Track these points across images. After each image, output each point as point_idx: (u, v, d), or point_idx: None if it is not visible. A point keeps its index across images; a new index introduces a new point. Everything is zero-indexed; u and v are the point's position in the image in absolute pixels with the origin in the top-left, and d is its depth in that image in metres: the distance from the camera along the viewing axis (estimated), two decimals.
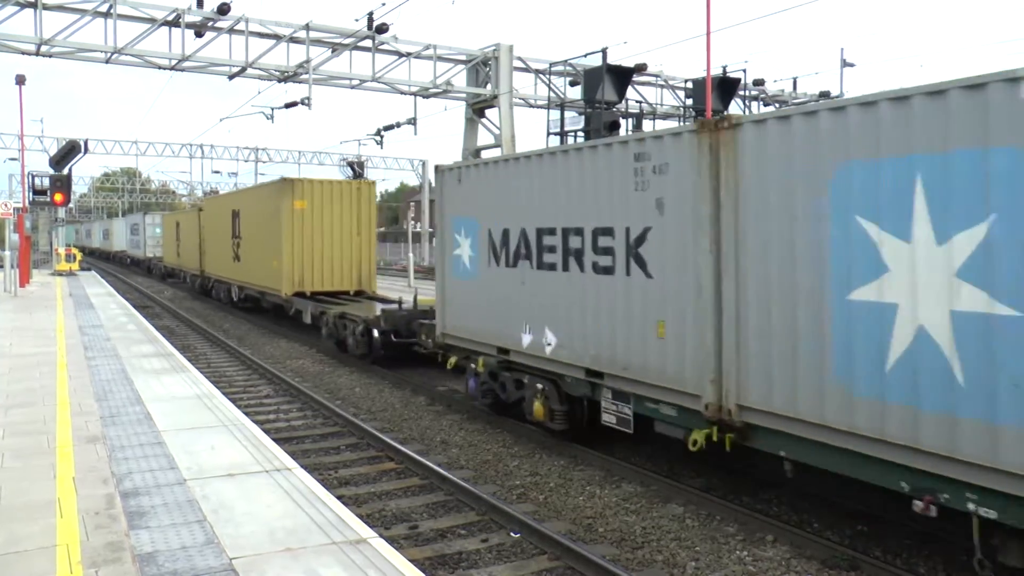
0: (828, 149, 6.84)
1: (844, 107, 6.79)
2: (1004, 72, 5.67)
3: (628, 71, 19.55)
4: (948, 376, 6.00)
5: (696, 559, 7.43)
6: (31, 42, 20.37)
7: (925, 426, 6.17)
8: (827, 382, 6.90)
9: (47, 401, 10.05)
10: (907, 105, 6.27)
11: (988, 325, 5.76)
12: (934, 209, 6.08)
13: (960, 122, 5.91)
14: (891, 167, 6.35)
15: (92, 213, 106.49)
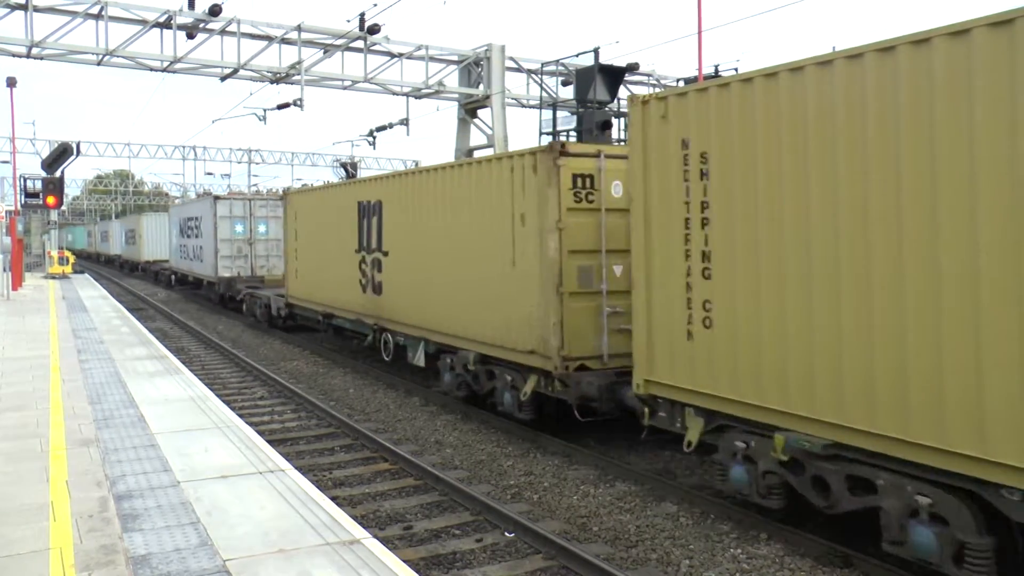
0: None
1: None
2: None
3: (620, 70, 19.59)
4: None
5: (690, 557, 7.45)
6: (22, 44, 20.31)
7: None
8: None
9: (40, 404, 10.03)
10: None
11: None
12: None
13: None
14: None
15: (85, 216, 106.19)
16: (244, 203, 28.63)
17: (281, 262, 25.84)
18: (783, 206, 7.07)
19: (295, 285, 20.67)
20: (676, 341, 8.27)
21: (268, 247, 28.70)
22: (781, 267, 7.11)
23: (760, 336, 7.32)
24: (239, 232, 28.41)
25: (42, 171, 29.86)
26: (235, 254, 28.36)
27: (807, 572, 7.10)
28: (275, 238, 27.96)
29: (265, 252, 28.76)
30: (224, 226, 28.18)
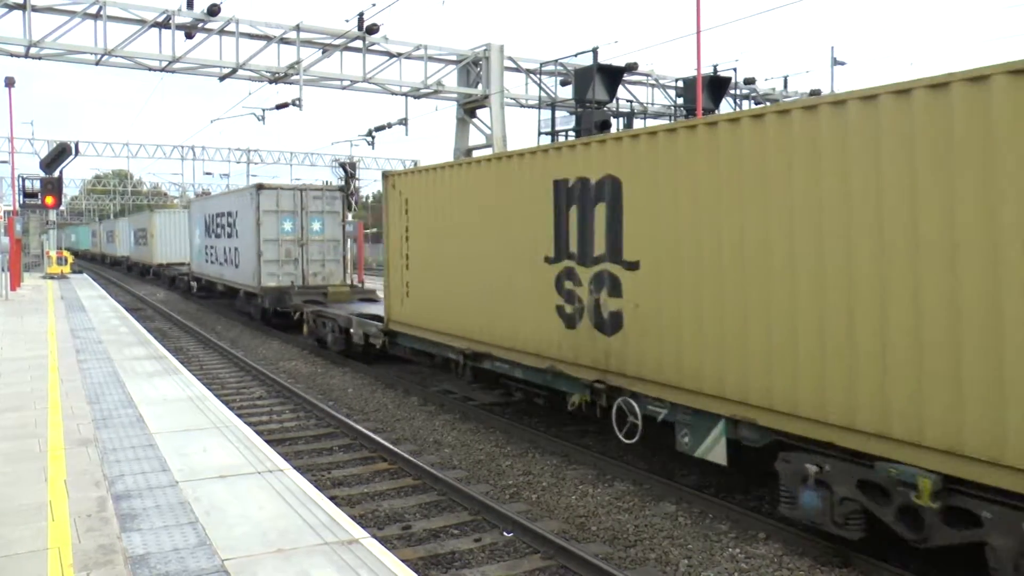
0: None
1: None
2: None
3: (619, 70, 19.59)
4: None
5: (689, 557, 7.45)
6: (20, 44, 20.29)
7: None
8: None
9: (39, 404, 10.02)
10: None
11: None
12: None
13: None
14: None
15: (84, 216, 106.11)
16: (293, 194, 23.49)
17: (337, 268, 23.74)
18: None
19: (403, 305, 14.95)
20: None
21: (323, 249, 23.90)
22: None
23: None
24: (288, 231, 23.15)
25: (40, 171, 29.82)
26: (283, 258, 23.21)
27: (805, 571, 7.10)
28: (332, 238, 23.89)
29: (320, 255, 23.83)
30: (269, 223, 22.86)
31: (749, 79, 29.30)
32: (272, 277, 23.12)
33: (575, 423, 12.01)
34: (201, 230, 30.92)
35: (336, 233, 23.69)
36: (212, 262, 29.04)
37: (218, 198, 30.47)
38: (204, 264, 30.32)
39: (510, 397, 13.03)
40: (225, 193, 32.31)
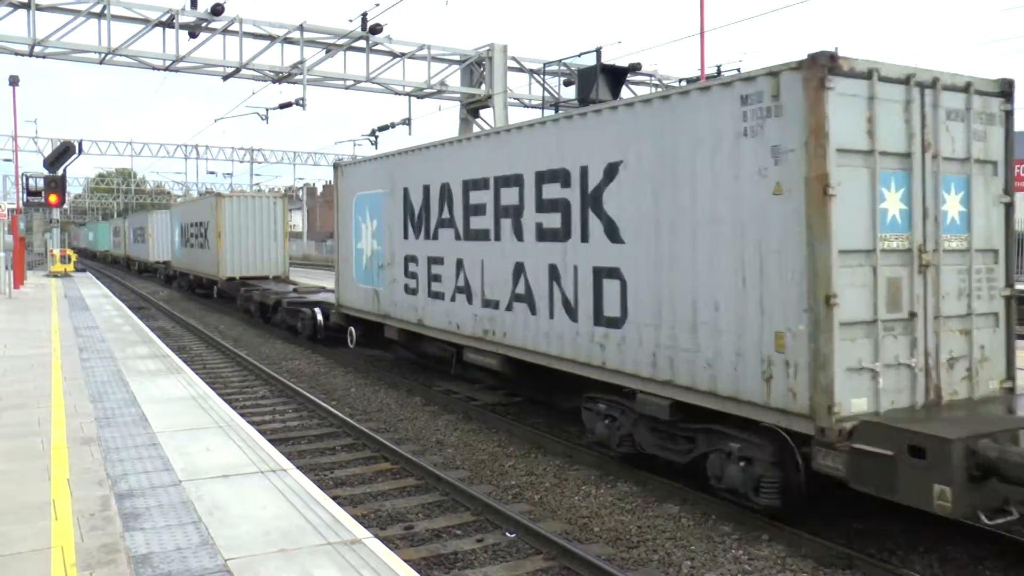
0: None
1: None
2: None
3: (622, 71, 19.56)
4: None
5: (692, 558, 7.44)
6: (24, 43, 20.32)
7: None
8: None
9: (42, 403, 10.03)
10: None
11: None
12: None
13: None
14: None
15: (87, 214, 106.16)
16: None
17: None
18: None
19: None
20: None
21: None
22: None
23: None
24: None
25: (44, 169, 29.89)
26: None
27: (809, 573, 7.09)
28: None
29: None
30: None
31: None
32: None
33: (578, 424, 11.99)
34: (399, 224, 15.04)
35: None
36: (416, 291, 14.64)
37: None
38: (398, 297, 14.94)
39: (513, 397, 13.33)
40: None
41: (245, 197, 30.06)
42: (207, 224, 30.36)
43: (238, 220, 28.61)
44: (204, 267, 31.48)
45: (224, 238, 28.45)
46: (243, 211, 28.80)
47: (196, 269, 33.32)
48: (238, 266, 28.64)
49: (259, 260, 28.92)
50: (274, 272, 29.01)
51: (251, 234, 28.87)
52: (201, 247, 31.72)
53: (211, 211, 29.51)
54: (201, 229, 31.66)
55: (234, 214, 28.54)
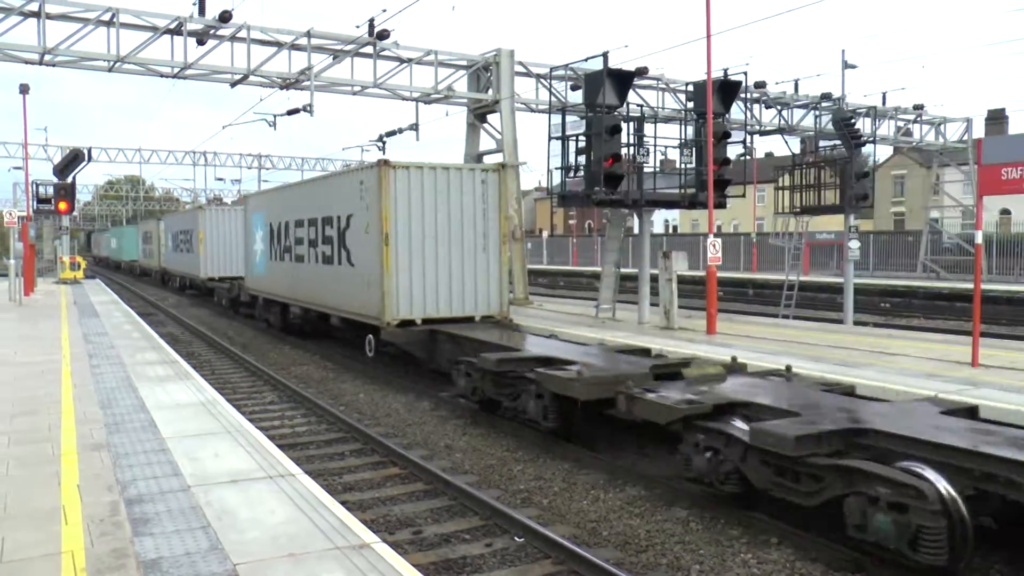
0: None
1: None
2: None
3: (629, 75, 19.53)
4: None
5: (700, 562, 7.42)
6: (34, 51, 20.46)
7: None
8: None
9: (52, 409, 10.07)
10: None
11: None
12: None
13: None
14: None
15: (96, 221, 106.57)
16: None
17: None
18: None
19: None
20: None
21: None
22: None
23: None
24: None
25: (54, 177, 30.05)
26: None
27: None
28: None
29: None
30: None
31: (760, 83, 29.26)
32: None
33: (585, 428, 12.00)
34: None
35: None
36: None
37: None
38: None
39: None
40: None
41: (435, 169, 16.34)
42: (344, 219, 17.55)
43: (418, 209, 16.00)
44: (333, 297, 18.59)
45: (393, 242, 15.76)
46: (431, 187, 16.11)
47: (311, 298, 20.20)
48: (422, 302, 16.16)
49: (464, 292, 16.67)
50: (484, 310, 16.75)
51: (450, 237, 16.37)
52: (321, 260, 19.05)
53: (357, 193, 16.72)
54: (319, 230, 19.25)
55: (408, 197, 15.88)
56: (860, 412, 8.27)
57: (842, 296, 24.29)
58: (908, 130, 36.30)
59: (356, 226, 17.03)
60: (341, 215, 17.77)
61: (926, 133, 37.00)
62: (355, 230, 17.05)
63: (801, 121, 31.16)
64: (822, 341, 14.79)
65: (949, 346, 14.14)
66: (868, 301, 31.10)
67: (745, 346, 14.07)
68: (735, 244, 48.61)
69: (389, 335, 16.01)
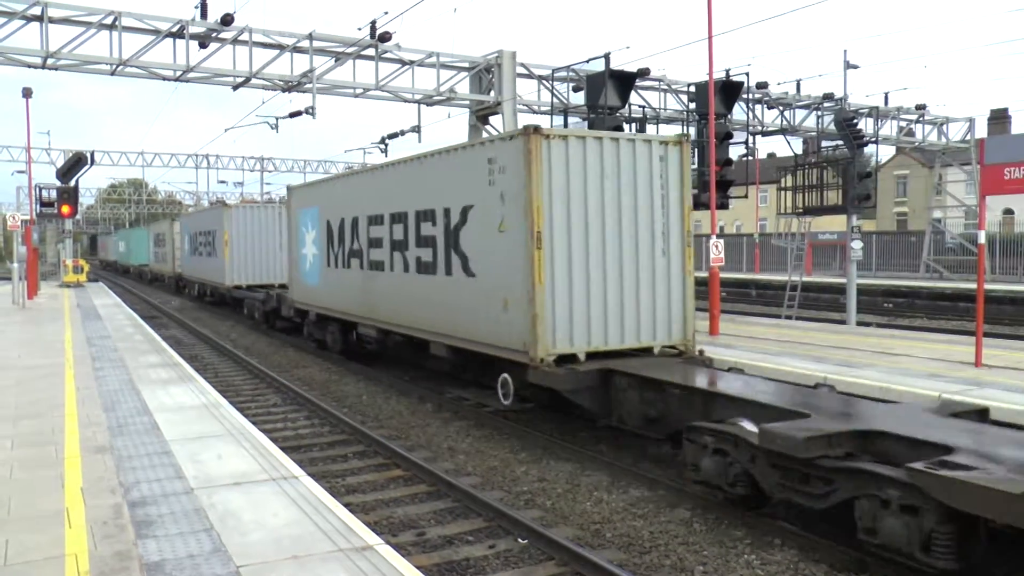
0: None
1: None
2: None
3: (631, 76, 19.58)
4: None
5: (704, 563, 7.42)
6: (37, 55, 20.48)
7: None
8: None
9: (55, 412, 10.09)
10: None
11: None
12: None
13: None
14: None
15: (99, 225, 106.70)
16: None
17: None
18: None
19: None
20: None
21: None
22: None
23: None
24: None
25: (57, 180, 30.09)
26: None
27: None
28: None
29: None
30: None
31: (762, 83, 29.23)
32: None
33: (589, 429, 11.99)
34: None
35: None
36: None
37: None
38: None
39: (524, 404, 13.28)
40: None
41: (601, 140, 11.76)
42: (457, 213, 12.93)
43: (579, 197, 11.49)
44: (436, 317, 13.76)
45: (547, 245, 11.17)
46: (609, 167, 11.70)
47: (395, 317, 15.37)
48: (585, 328, 11.55)
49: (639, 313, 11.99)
50: (664, 338, 12.21)
51: (620, 236, 11.84)
52: (415, 268, 14.41)
53: (483, 176, 12.07)
54: (410, 229, 14.54)
55: (566, 179, 11.37)
56: None
57: (844, 296, 24.30)
58: (910, 130, 36.27)
59: (480, 222, 12.18)
60: (452, 207, 12.92)
61: (928, 133, 36.97)
62: (478, 227, 12.26)
63: (803, 121, 31.12)
64: (825, 342, 14.78)
65: (952, 346, 14.12)
66: (871, 301, 31.09)
67: (747, 347, 14.07)
68: (738, 245, 48.61)
69: (543, 376, 10.95)
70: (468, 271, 12.64)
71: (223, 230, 29.91)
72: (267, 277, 28.93)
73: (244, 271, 29.55)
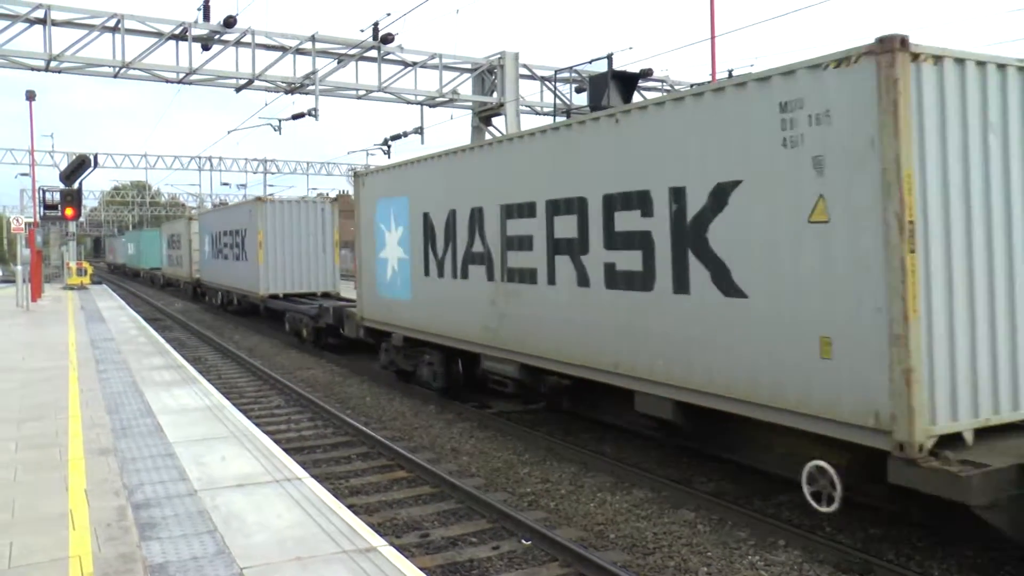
0: None
1: None
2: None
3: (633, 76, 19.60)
4: None
5: (708, 564, 7.40)
6: (40, 58, 20.54)
7: None
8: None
9: (59, 414, 10.10)
10: None
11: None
12: None
13: None
14: None
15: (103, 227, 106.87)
16: None
17: None
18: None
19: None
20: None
21: None
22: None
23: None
24: None
25: (60, 183, 30.16)
26: None
27: None
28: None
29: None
30: None
31: None
32: None
33: (592, 431, 11.98)
34: None
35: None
36: None
37: None
38: None
39: (528, 405, 13.35)
40: None
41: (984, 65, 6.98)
42: (690, 197, 8.44)
43: (958, 166, 6.83)
44: (654, 356, 9.02)
45: (922, 245, 6.56)
46: None
47: (562, 353, 10.57)
48: (991, 386, 6.89)
49: None
50: None
51: (1009, 231, 7.03)
52: (604, 281, 9.79)
53: (756, 137, 7.60)
54: (590, 221, 9.99)
55: (942, 136, 6.74)
56: None
57: None
58: None
59: (757, 208, 7.69)
60: (690, 187, 8.42)
61: None
62: (752, 217, 7.76)
63: None
64: None
65: None
66: None
67: None
68: None
69: (923, 478, 6.39)
70: (728, 288, 8.06)
71: (256, 229, 25.31)
72: (309, 285, 25.38)
73: (282, 278, 25.25)
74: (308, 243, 25.40)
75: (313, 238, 25.44)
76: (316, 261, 25.45)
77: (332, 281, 25.56)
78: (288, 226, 25.32)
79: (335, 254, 25.68)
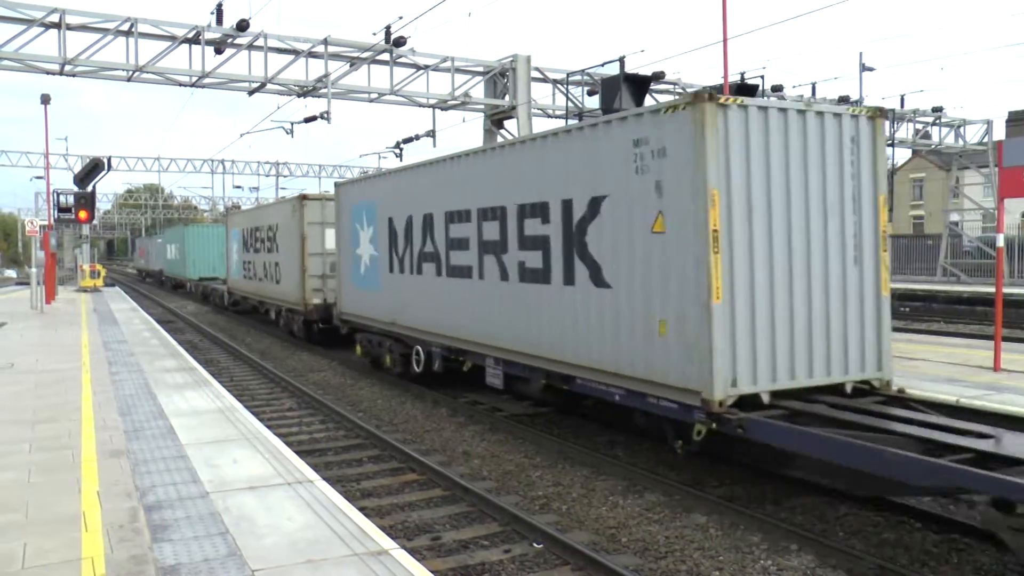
0: None
1: None
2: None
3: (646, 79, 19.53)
4: None
5: (720, 569, 7.36)
6: (55, 62, 20.66)
7: None
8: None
9: (72, 416, 10.14)
10: None
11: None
12: None
13: None
14: None
15: (116, 230, 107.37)
16: None
17: None
18: None
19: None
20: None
21: None
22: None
23: None
24: None
25: (74, 186, 30.32)
26: None
27: None
28: None
29: None
30: None
31: (777, 86, 29.13)
32: None
33: (604, 434, 11.95)
34: None
35: None
36: None
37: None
38: None
39: (539, 408, 13.34)
40: None
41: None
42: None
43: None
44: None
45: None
46: None
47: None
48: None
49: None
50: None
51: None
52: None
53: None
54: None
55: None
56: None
57: None
58: (927, 132, 36.06)
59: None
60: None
61: (945, 136, 36.74)
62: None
63: None
64: None
65: (971, 350, 14.01)
66: None
67: None
68: None
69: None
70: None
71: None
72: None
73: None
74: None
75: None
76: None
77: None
78: None
79: None
